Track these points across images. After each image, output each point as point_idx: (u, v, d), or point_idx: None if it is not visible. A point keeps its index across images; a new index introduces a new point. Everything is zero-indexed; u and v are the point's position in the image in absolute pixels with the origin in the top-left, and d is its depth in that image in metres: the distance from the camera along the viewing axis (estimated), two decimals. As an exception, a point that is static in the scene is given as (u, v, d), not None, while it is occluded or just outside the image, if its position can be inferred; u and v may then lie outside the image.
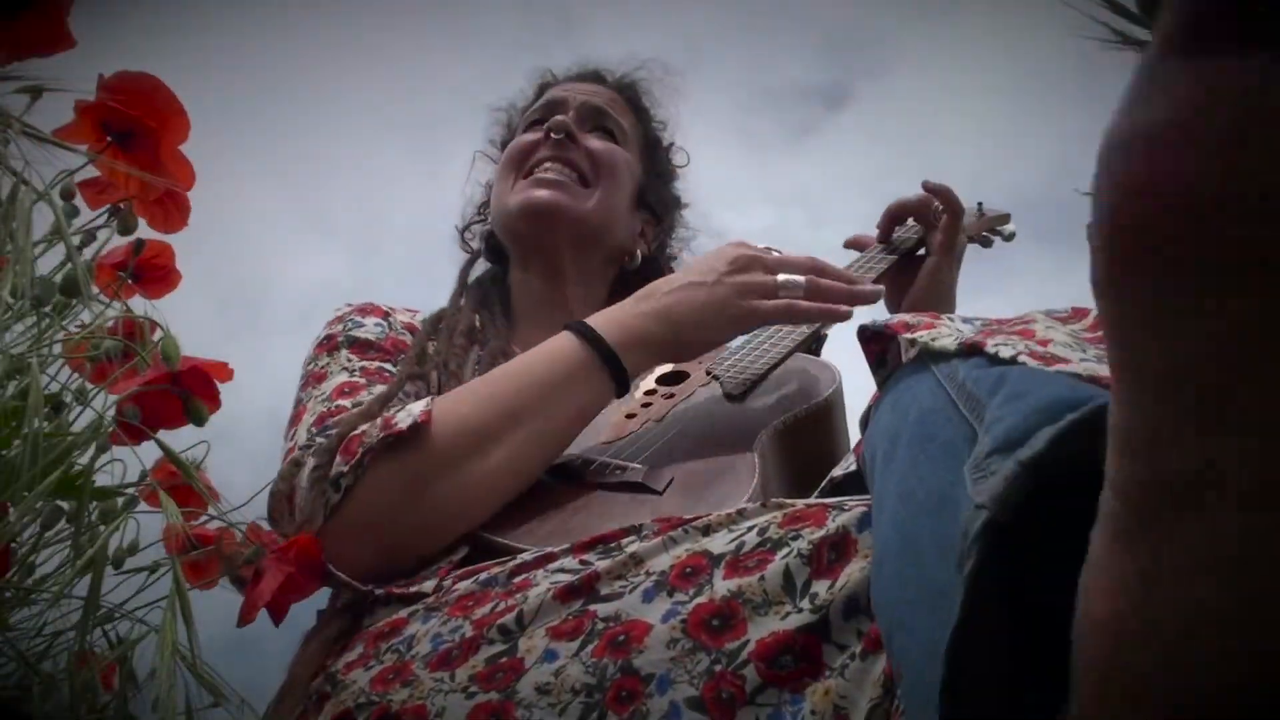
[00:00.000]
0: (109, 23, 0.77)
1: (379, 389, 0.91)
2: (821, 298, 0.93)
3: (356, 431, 0.81)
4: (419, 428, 0.80)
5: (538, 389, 0.85)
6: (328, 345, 0.99)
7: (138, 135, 0.76)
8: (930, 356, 0.58)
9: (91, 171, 0.79)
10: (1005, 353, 0.51)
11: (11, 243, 0.63)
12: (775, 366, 0.99)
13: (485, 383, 0.88)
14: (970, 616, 0.35)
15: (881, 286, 1.01)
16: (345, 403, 0.90)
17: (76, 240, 0.80)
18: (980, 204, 1.27)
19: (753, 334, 1.04)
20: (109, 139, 0.76)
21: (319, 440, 0.83)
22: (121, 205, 0.81)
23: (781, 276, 0.93)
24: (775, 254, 0.97)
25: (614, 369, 0.87)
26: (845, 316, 0.94)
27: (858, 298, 0.95)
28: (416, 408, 0.82)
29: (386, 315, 1.05)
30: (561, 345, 0.89)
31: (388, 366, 0.97)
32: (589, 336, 0.88)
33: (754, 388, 0.97)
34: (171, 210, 0.83)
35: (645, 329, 0.90)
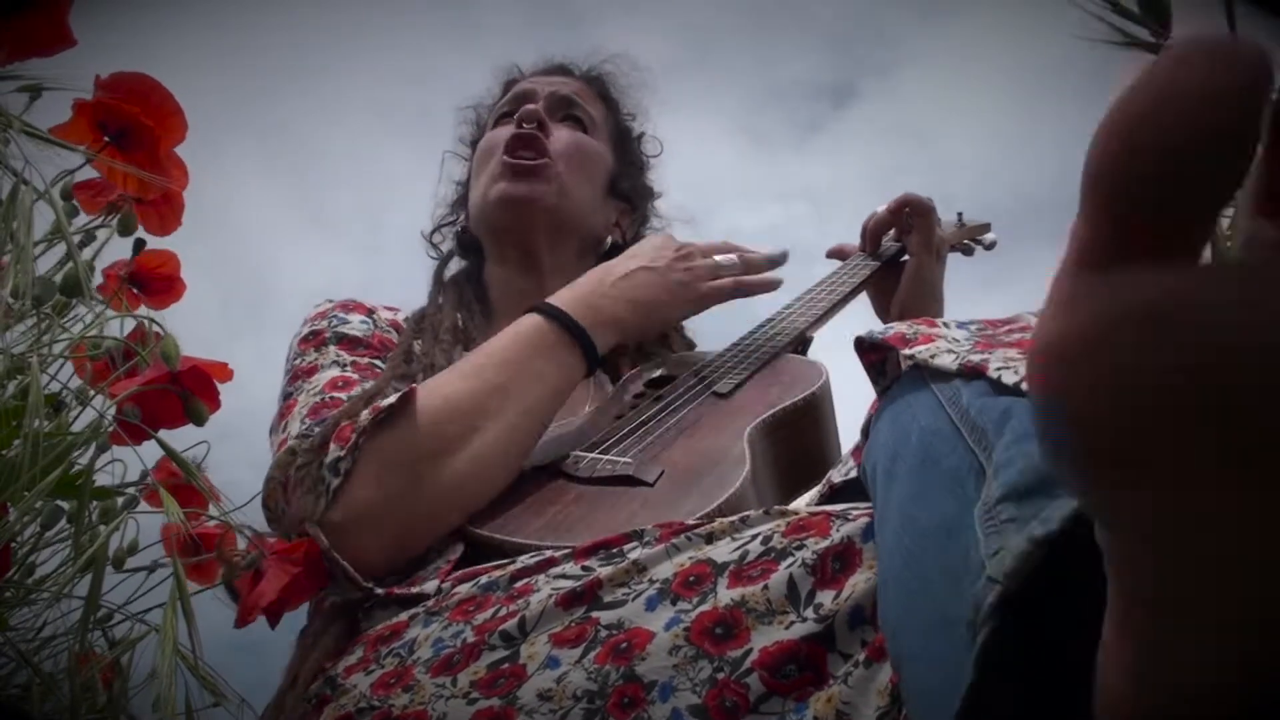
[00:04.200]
0: (109, 21, 0.77)
1: (370, 385, 0.90)
2: (752, 269, 1.08)
3: (347, 421, 0.80)
4: (405, 396, 0.81)
5: (515, 365, 0.87)
6: (314, 340, 0.98)
7: (135, 135, 0.76)
8: (929, 374, 0.57)
9: (88, 174, 0.79)
10: (1008, 379, 0.49)
11: (12, 242, 0.63)
12: (763, 366, 1.02)
13: (464, 363, 0.89)
14: (982, 682, 0.36)
15: (786, 249, 1.13)
16: (340, 395, 0.89)
17: (77, 240, 0.79)
18: (960, 214, 1.35)
19: (740, 338, 1.10)
20: (106, 139, 0.76)
21: (316, 430, 0.83)
22: (120, 204, 0.81)
23: (718, 258, 1.05)
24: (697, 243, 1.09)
25: (584, 345, 0.91)
26: (778, 285, 1.10)
27: (773, 261, 1.10)
28: (400, 389, 0.83)
29: (371, 312, 1.05)
30: (530, 324, 0.91)
31: (377, 363, 0.97)
32: (555, 315, 0.91)
33: (742, 386, 0.99)
34: (166, 212, 0.82)
35: (615, 312, 0.95)
